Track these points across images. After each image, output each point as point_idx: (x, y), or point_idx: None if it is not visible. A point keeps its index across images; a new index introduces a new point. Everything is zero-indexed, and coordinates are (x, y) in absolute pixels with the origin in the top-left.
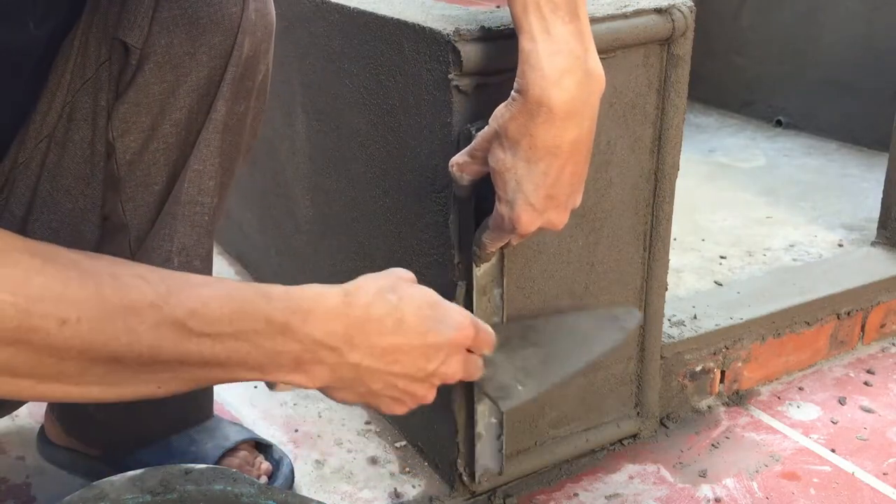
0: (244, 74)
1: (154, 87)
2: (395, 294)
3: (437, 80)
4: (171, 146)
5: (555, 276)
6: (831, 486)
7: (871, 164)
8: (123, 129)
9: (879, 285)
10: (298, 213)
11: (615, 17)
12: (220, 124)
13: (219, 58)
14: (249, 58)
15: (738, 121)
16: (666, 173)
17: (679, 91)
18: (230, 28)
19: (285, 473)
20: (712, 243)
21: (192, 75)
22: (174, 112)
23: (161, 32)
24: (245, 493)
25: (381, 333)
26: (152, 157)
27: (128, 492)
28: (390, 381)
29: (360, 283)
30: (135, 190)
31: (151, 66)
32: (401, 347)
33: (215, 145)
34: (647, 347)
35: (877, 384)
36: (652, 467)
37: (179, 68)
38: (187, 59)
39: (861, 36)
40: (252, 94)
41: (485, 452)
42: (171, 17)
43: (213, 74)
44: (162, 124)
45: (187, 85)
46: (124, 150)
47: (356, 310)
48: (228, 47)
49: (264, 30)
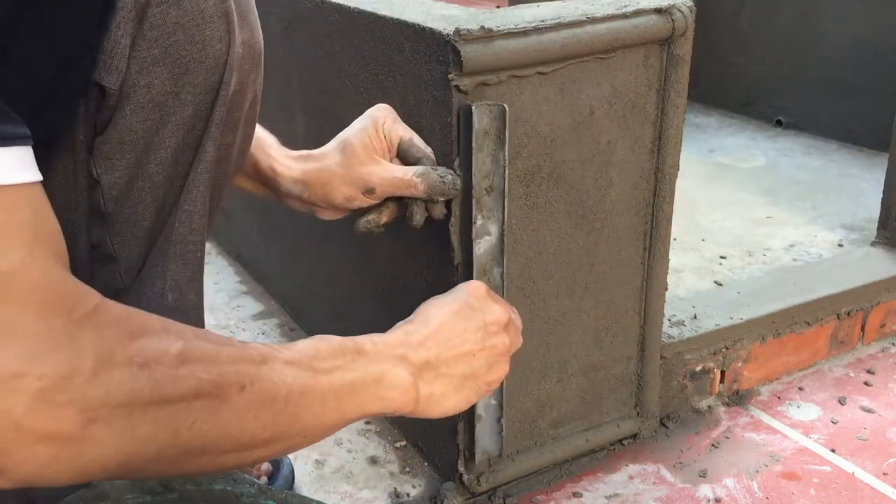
0: (231, 108)
1: (137, 126)
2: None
3: (437, 80)
4: (158, 184)
5: (555, 276)
6: (831, 486)
7: (871, 164)
8: (107, 166)
9: (879, 285)
10: (298, 213)
11: (615, 17)
12: (210, 164)
13: (204, 94)
14: (236, 92)
15: (738, 121)
16: (666, 173)
17: (679, 91)
18: (216, 66)
19: (285, 473)
20: (712, 243)
21: (176, 115)
22: (160, 151)
23: (140, 73)
24: (245, 493)
25: (426, 324)
26: (139, 196)
27: (128, 492)
28: (468, 349)
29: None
30: (122, 226)
31: (132, 106)
32: (447, 322)
33: (204, 185)
34: (647, 347)
35: (877, 384)
36: (652, 467)
37: (163, 107)
38: (171, 99)
39: (861, 36)
40: (239, 124)
41: (484, 435)
42: (150, 56)
43: (199, 111)
44: (147, 163)
45: (172, 124)
46: (110, 186)
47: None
48: (215, 84)
49: (251, 61)
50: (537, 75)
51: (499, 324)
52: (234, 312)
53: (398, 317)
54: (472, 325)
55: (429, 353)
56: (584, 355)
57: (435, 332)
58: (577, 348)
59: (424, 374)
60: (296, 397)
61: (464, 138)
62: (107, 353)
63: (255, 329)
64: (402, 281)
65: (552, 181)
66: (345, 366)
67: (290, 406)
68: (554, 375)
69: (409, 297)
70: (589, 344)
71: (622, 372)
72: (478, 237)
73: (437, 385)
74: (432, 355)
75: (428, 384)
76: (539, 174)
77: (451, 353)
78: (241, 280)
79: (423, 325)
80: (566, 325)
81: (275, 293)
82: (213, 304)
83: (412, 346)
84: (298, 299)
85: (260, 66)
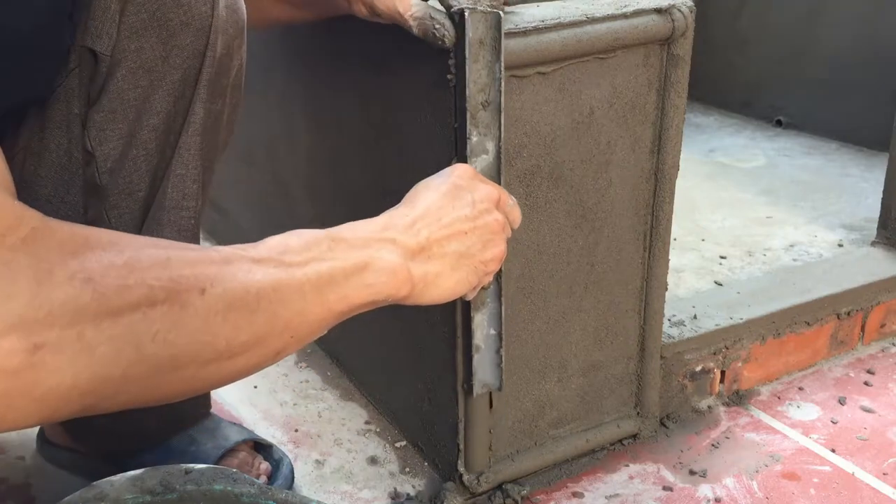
0: (218, 73)
1: (128, 93)
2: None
3: (437, 80)
4: (152, 152)
5: (555, 276)
6: (831, 486)
7: (871, 164)
8: (101, 137)
9: (879, 285)
10: (298, 213)
11: (615, 17)
12: (199, 126)
13: (192, 58)
14: (223, 56)
15: (738, 121)
16: (666, 173)
17: (679, 91)
18: (202, 28)
19: (285, 473)
20: (712, 243)
21: (166, 79)
22: (151, 117)
23: (130, 38)
24: (245, 493)
25: (413, 206)
26: (133, 165)
27: (128, 492)
28: (459, 227)
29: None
30: (118, 198)
31: (123, 72)
32: (435, 202)
33: (195, 148)
34: (647, 347)
35: (877, 384)
36: (652, 467)
37: (153, 72)
38: (160, 63)
39: (861, 36)
40: (227, 92)
41: (483, 366)
42: (139, 21)
43: (188, 76)
44: (140, 130)
45: (162, 89)
46: (104, 158)
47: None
48: (201, 48)
49: (235, 26)
50: (537, 75)
51: (489, 200)
52: None
53: (398, 317)
54: (460, 203)
55: (419, 235)
56: (584, 355)
57: (423, 214)
58: (577, 348)
59: (416, 257)
60: (268, 294)
61: (457, 50)
62: (44, 274)
63: None
64: None
65: (552, 181)
66: (321, 256)
67: (264, 304)
68: (554, 375)
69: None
70: (589, 344)
71: (622, 372)
72: (474, 155)
73: (431, 265)
74: (423, 237)
75: (421, 265)
76: (539, 174)
77: (442, 234)
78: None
79: (410, 209)
80: (566, 325)
81: None
82: None
83: (400, 229)
84: None
85: (243, 34)
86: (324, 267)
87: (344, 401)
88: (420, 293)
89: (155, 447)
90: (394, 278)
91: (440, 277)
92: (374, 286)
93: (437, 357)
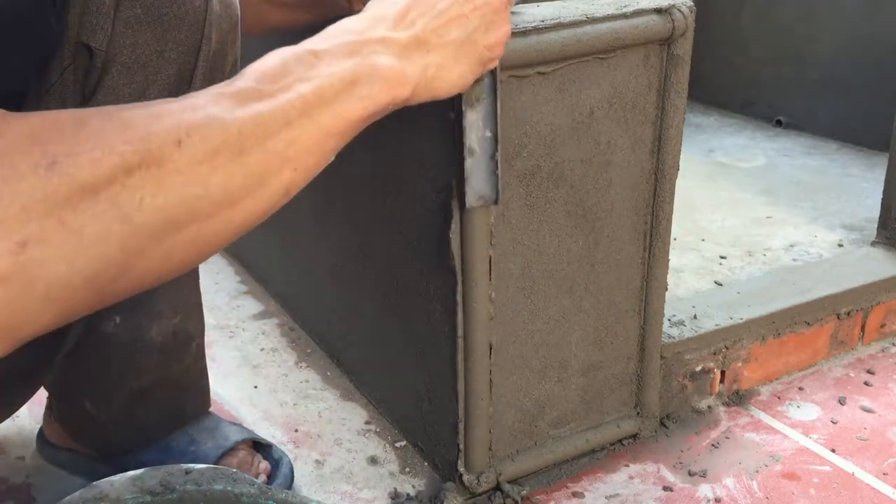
0: (213, 68)
1: (124, 88)
2: None
3: None
4: None
5: (555, 276)
6: (831, 486)
7: (871, 164)
8: None
9: (879, 285)
10: (298, 212)
11: (615, 17)
12: None
13: (187, 53)
14: (217, 51)
15: (738, 121)
16: (666, 173)
17: (679, 91)
18: (196, 23)
19: (285, 473)
20: (712, 243)
21: (161, 74)
22: None
23: (125, 32)
24: (245, 493)
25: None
26: None
27: (128, 492)
28: (458, 10)
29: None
30: None
31: (118, 67)
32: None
33: None
34: (647, 347)
35: (877, 384)
36: (652, 467)
37: (148, 67)
38: (155, 58)
39: (861, 36)
40: None
41: (478, 173)
42: (134, 16)
43: (183, 70)
44: None
45: (158, 84)
46: None
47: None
48: (196, 42)
49: (229, 20)
50: (537, 75)
51: None
52: (234, 312)
53: (398, 317)
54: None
55: (413, 26)
56: (584, 355)
57: (416, 2)
58: (577, 348)
59: (413, 52)
60: (251, 130)
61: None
62: (7, 169)
63: (255, 329)
64: (402, 281)
65: (552, 181)
66: (303, 76)
67: (251, 142)
68: (554, 375)
69: (409, 297)
70: (589, 344)
71: (622, 372)
72: (468, 105)
73: (430, 57)
74: (418, 28)
75: (420, 60)
76: (539, 174)
77: (439, 21)
78: (241, 280)
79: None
80: (566, 325)
81: (275, 293)
82: (213, 304)
83: (390, 22)
84: (298, 299)
85: (237, 30)
86: (308, 88)
87: (344, 401)
88: (423, 91)
89: (154, 447)
90: (390, 84)
91: (442, 70)
92: (369, 97)
93: (437, 357)
